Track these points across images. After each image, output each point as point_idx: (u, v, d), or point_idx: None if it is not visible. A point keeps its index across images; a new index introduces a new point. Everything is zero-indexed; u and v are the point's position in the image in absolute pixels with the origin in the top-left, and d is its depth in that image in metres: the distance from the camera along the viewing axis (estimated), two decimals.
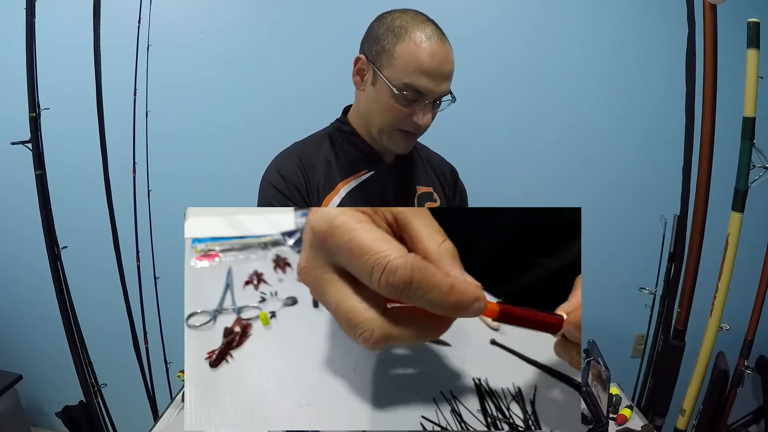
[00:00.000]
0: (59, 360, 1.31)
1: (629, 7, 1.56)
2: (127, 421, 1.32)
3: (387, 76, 0.81)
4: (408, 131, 0.87)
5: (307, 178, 0.90)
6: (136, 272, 1.40)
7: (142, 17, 1.36)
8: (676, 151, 1.13)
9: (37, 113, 1.05)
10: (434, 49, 0.79)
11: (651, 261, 1.26)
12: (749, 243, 0.97)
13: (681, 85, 1.10)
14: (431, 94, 0.82)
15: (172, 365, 1.46)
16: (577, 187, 1.69)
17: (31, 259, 1.56)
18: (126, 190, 1.37)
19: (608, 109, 1.64)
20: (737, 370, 1.03)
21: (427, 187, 1.00)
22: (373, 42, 0.83)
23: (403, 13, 0.82)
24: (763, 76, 0.89)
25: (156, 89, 1.40)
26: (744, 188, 0.93)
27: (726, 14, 0.97)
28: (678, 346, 1.13)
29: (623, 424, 1.02)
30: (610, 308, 1.76)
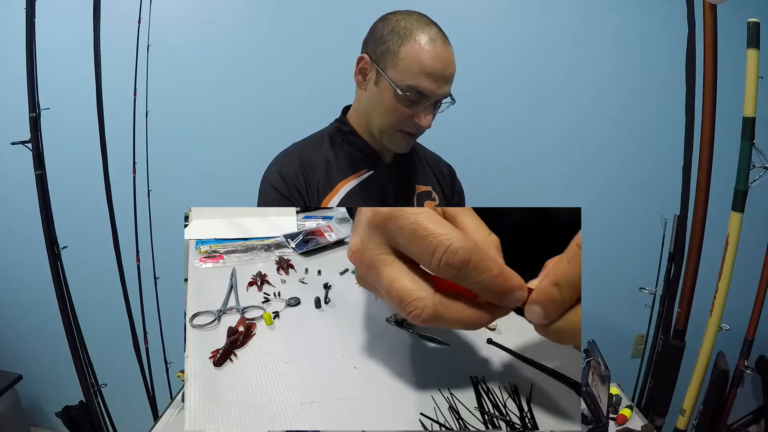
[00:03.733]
0: (59, 360, 1.31)
1: (629, 7, 1.56)
2: (127, 421, 1.32)
3: (391, 77, 0.81)
4: (409, 132, 0.88)
5: (307, 180, 0.90)
6: (136, 272, 1.40)
7: (142, 18, 1.36)
8: (676, 151, 1.13)
9: (37, 113, 1.05)
10: (438, 51, 0.80)
11: (651, 261, 1.26)
12: (749, 243, 0.97)
13: (681, 85, 1.10)
14: (433, 96, 0.82)
15: (172, 365, 1.46)
16: (577, 187, 1.70)
17: (31, 259, 1.56)
18: (126, 190, 1.37)
19: (608, 109, 1.64)
20: (737, 370, 1.03)
21: (426, 186, 1.00)
22: (377, 42, 0.83)
23: (407, 15, 0.83)
24: (763, 76, 0.89)
25: (156, 89, 1.39)
26: (744, 188, 0.93)
27: (726, 14, 0.97)
28: (678, 346, 1.13)
29: (623, 424, 1.02)
30: (610, 308, 1.77)
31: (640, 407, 1.18)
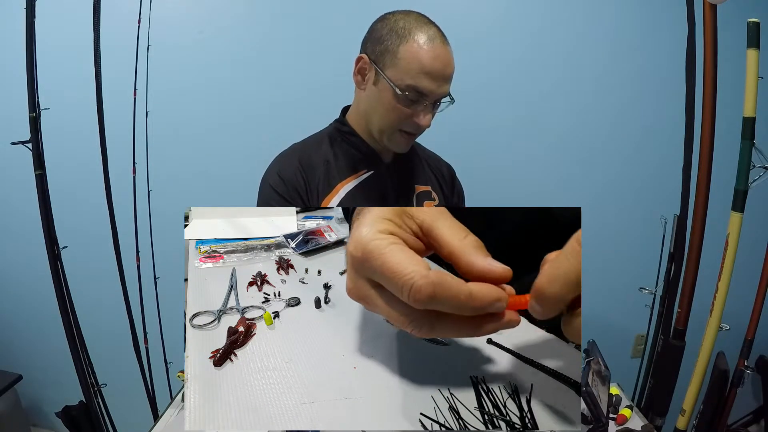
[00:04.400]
0: (59, 360, 1.31)
1: (629, 7, 1.56)
2: (127, 421, 1.32)
3: (390, 76, 0.81)
4: (408, 131, 0.88)
5: (307, 181, 0.90)
6: (136, 272, 1.40)
7: (142, 17, 1.36)
8: (676, 151, 1.13)
9: (37, 113, 1.05)
10: (437, 51, 0.80)
11: (651, 261, 1.26)
12: (749, 243, 0.97)
13: (681, 85, 1.10)
14: (432, 96, 0.82)
15: (172, 365, 1.46)
16: (577, 187, 1.70)
17: (31, 259, 1.56)
18: (126, 190, 1.37)
19: (608, 109, 1.64)
20: (737, 370, 1.03)
21: (426, 185, 1.00)
22: (376, 42, 0.83)
23: (406, 15, 0.83)
24: (763, 76, 0.89)
25: (156, 89, 1.40)
26: (744, 188, 0.93)
27: (726, 14, 0.97)
28: (678, 346, 1.13)
29: (623, 424, 1.02)
30: (610, 308, 1.76)
31: (640, 407, 1.18)
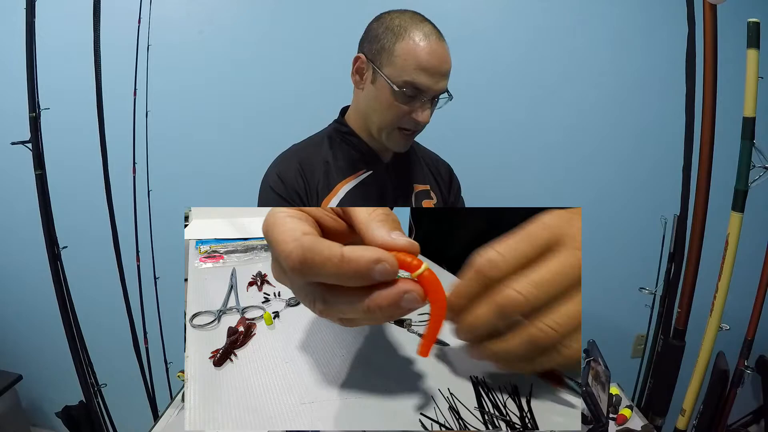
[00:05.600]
0: (59, 360, 1.31)
1: (629, 7, 1.56)
2: (127, 421, 1.32)
3: (387, 74, 0.82)
4: (407, 129, 0.88)
5: (307, 182, 0.90)
6: (136, 272, 1.40)
7: (142, 17, 1.36)
8: (676, 151, 1.13)
9: (37, 113, 1.05)
10: (433, 47, 0.80)
11: (651, 261, 1.26)
12: (749, 243, 0.98)
13: (681, 85, 1.10)
14: (430, 92, 0.83)
15: (172, 365, 1.46)
16: (577, 187, 1.70)
17: (31, 259, 1.56)
18: (126, 190, 1.37)
19: (608, 109, 1.64)
20: (737, 370, 1.03)
21: (425, 185, 1.01)
22: (372, 41, 0.84)
23: (401, 13, 0.84)
24: (763, 76, 0.89)
25: (156, 89, 1.39)
26: (744, 188, 0.93)
27: (726, 14, 0.97)
28: (678, 346, 1.13)
29: (623, 424, 1.02)
30: (610, 308, 1.77)
31: (640, 407, 1.18)
